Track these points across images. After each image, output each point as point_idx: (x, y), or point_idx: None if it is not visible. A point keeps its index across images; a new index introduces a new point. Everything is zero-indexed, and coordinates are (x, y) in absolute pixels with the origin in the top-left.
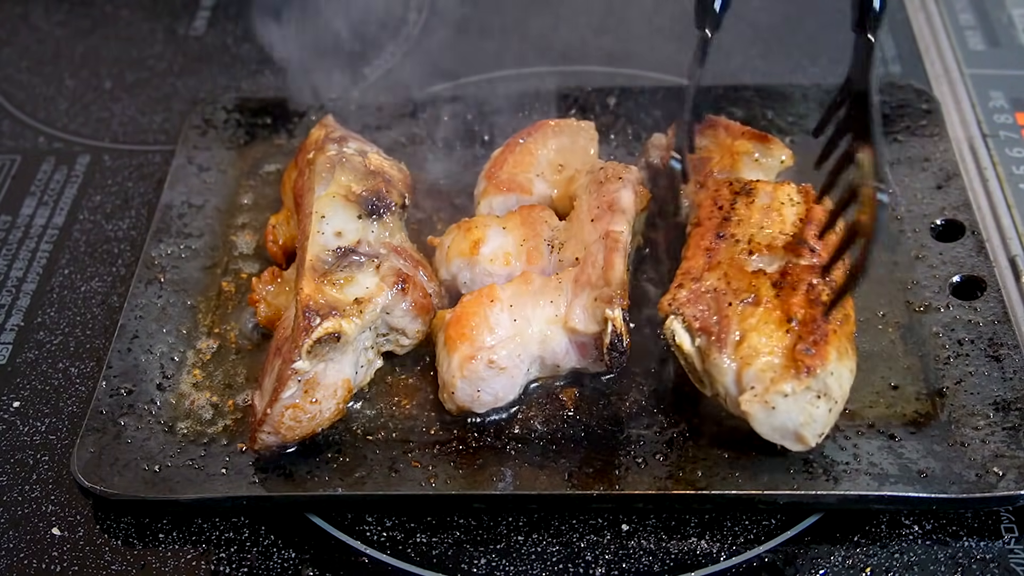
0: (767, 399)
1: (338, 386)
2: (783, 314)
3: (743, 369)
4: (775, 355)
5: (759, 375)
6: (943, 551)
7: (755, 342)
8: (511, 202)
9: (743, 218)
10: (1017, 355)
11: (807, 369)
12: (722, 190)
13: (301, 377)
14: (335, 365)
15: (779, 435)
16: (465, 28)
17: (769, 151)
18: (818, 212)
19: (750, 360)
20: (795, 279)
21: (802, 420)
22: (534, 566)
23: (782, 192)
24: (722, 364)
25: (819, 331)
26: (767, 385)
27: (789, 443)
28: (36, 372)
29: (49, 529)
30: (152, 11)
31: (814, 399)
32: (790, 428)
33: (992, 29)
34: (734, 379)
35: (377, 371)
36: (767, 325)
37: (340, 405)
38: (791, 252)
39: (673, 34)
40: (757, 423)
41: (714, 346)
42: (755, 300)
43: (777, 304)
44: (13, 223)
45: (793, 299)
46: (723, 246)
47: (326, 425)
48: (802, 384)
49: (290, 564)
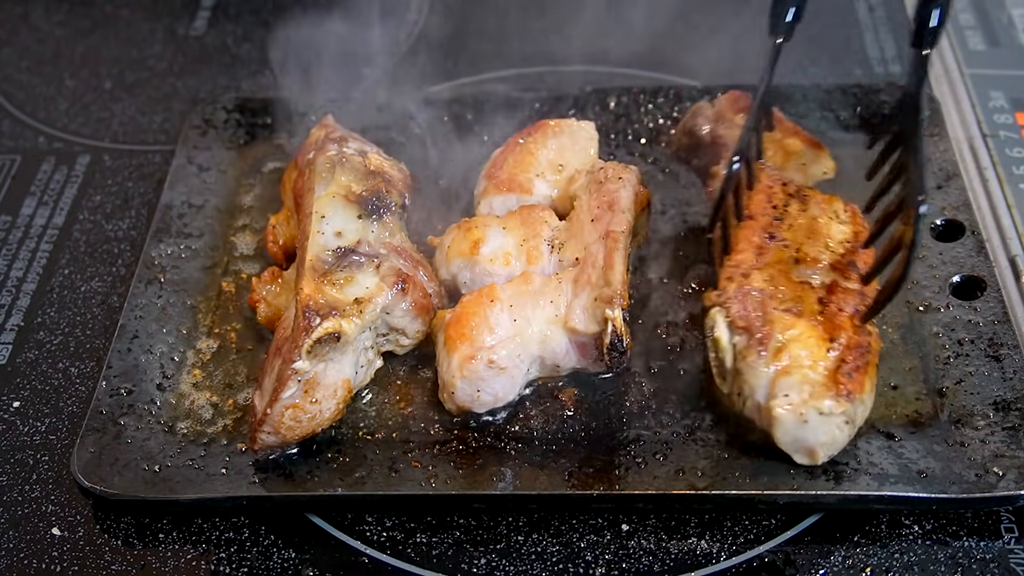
0: (802, 411)
1: (338, 386)
2: (826, 332)
3: (780, 376)
4: (815, 371)
5: (797, 386)
6: (943, 551)
7: (797, 353)
8: (511, 202)
9: (794, 224)
10: (1017, 355)
11: (847, 393)
12: (776, 188)
13: (301, 377)
14: (335, 365)
15: (796, 446)
16: (465, 28)
17: (817, 159)
18: (864, 235)
19: (790, 370)
20: (841, 300)
21: (825, 439)
22: (534, 566)
23: (831, 207)
24: (759, 367)
25: (862, 359)
26: (805, 398)
27: (800, 455)
28: (36, 372)
29: (49, 529)
30: (152, 11)
31: (843, 423)
32: (811, 443)
33: (992, 29)
34: (768, 383)
35: (377, 371)
36: (810, 339)
37: (340, 405)
38: (838, 271)
39: (673, 34)
40: (782, 430)
41: (754, 347)
42: (799, 312)
43: (821, 321)
44: (13, 223)
45: (838, 320)
46: (773, 247)
47: (326, 425)
48: (840, 407)
49: (290, 564)
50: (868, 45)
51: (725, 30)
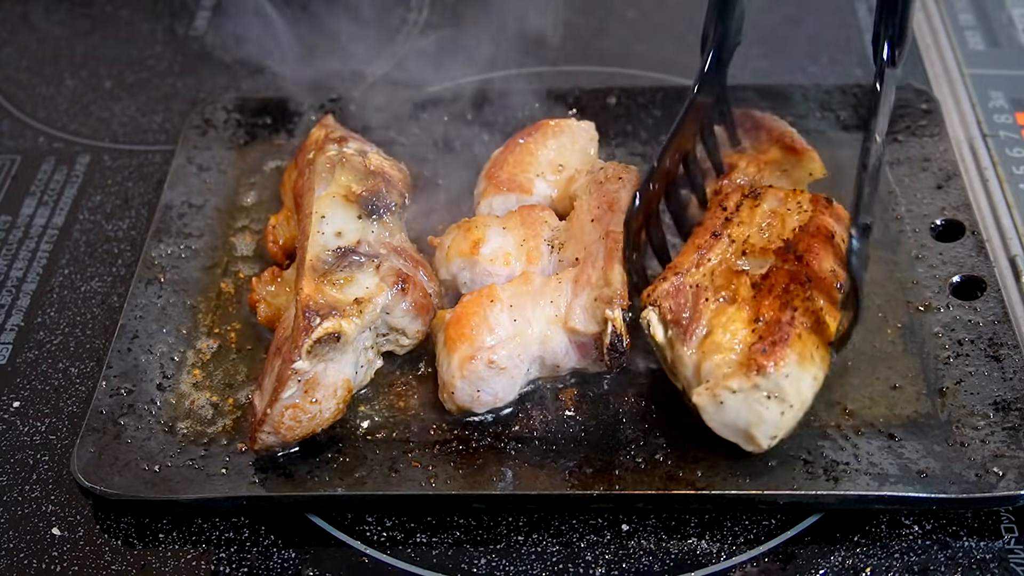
0: (716, 393)
1: (338, 386)
2: (753, 313)
3: (702, 362)
4: (734, 352)
5: (714, 369)
6: (943, 551)
7: (719, 338)
8: (511, 202)
9: (744, 220)
10: (1017, 355)
11: (758, 368)
12: (732, 195)
13: (301, 377)
14: (335, 365)
15: (730, 432)
16: (465, 28)
17: (799, 163)
18: (824, 221)
19: (709, 354)
20: (773, 282)
21: (751, 419)
22: (534, 566)
23: (792, 200)
24: (684, 356)
25: (780, 332)
26: (718, 379)
27: (741, 441)
28: (36, 372)
29: (49, 529)
30: (152, 11)
31: (763, 399)
32: (740, 426)
33: (992, 29)
34: (693, 371)
35: (377, 371)
36: (734, 323)
37: (340, 405)
38: (779, 257)
39: (673, 34)
40: (706, 416)
41: (680, 338)
42: (731, 298)
43: (751, 304)
44: (13, 223)
45: (766, 300)
46: (716, 245)
47: (326, 425)
48: (749, 382)
49: (290, 564)
50: (868, 45)
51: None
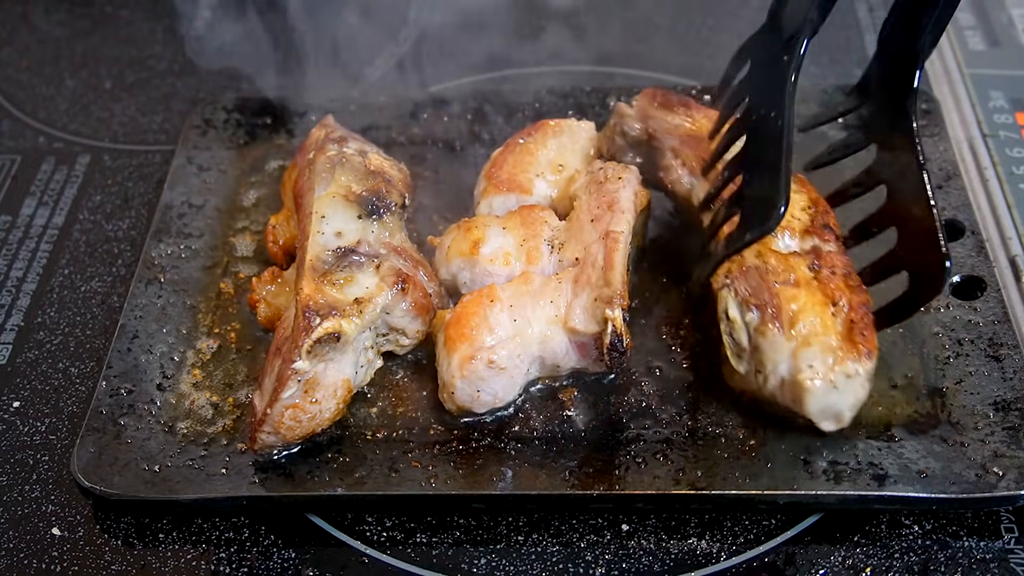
0: (831, 378)
1: (338, 386)
2: (825, 297)
3: (801, 348)
4: (831, 336)
5: (819, 355)
6: (943, 551)
7: (810, 322)
8: (511, 202)
9: None
10: (1017, 355)
11: (867, 352)
12: None
13: (301, 377)
14: (335, 365)
15: (826, 414)
16: (465, 28)
17: None
18: (822, 200)
19: (810, 340)
20: (828, 262)
21: (853, 401)
22: (534, 566)
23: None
24: (778, 341)
25: (868, 316)
26: (830, 365)
27: (828, 422)
28: (36, 372)
29: (49, 529)
30: (152, 11)
31: (865, 382)
32: (839, 407)
33: (992, 29)
34: (789, 356)
35: (377, 371)
36: (815, 306)
37: (340, 405)
38: (813, 235)
39: (674, 34)
40: (813, 400)
41: (769, 323)
42: (796, 281)
43: (818, 287)
44: (13, 223)
45: (832, 283)
46: None
47: (326, 425)
48: (864, 366)
49: (290, 564)
50: (868, 45)
51: (724, 29)
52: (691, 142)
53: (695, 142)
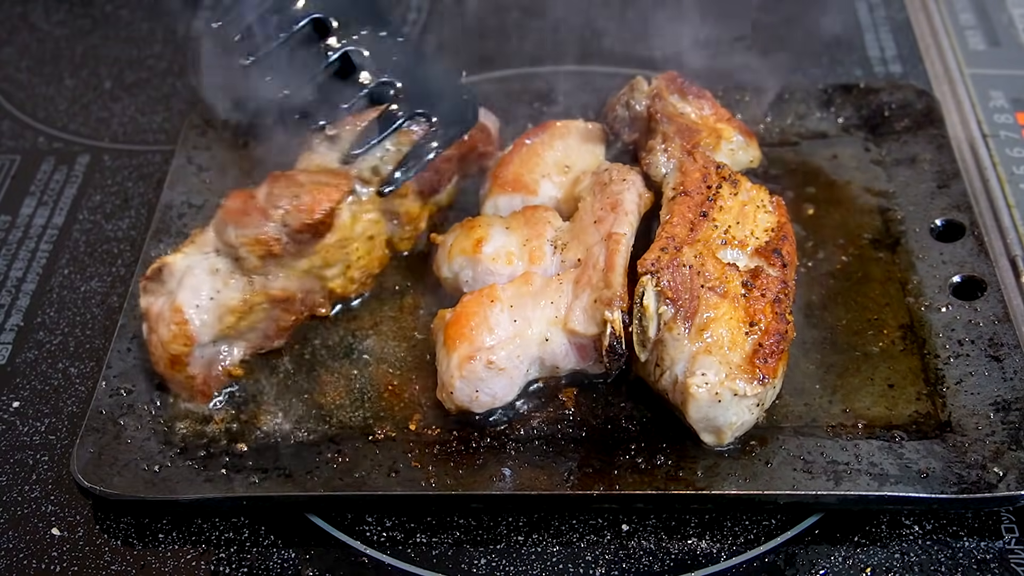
0: (718, 391)
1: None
2: (747, 315)
3: (701, 354)
4: (734, 352)
5: (715, 366)
6: (943, 551)
7: (718, 333)
8: (516, 202)
9: (724, 207)
10: (1017, 355)
11: (762, 377)
12: (711, 170)
13: None
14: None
15: (705, 425)
16: (465, 28)
17: (746, 147)
18: (789, 228)
19: (711, 349)
20: (763, 285)
21: (734, 420)
22: (534, 566)
23: (759, 195)
24: (682, 340)
25: (779, 347)
26: (721, 379)
27: (708, 435)
28: (36, 372)
29: (49, 529)
30: (152, 11)
31: (753, 406)
32: (720, 423)
33: (992, 29)
34: (688, 358)
35: (377, 371)
36: (731, 320)
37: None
38: (762, 257)
39: (674, 34)
40: (695, 407)
41: (679, 320)
42: (724, 293)
43: (744, 304)
44: (13, 223)
45: (759, 305)
46: (704, 225)
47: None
48: (754, 390)
49: (290, 564)
50: (868, 45)
51: (724, 29)
52: (686, 132)
53: (690, 133)
